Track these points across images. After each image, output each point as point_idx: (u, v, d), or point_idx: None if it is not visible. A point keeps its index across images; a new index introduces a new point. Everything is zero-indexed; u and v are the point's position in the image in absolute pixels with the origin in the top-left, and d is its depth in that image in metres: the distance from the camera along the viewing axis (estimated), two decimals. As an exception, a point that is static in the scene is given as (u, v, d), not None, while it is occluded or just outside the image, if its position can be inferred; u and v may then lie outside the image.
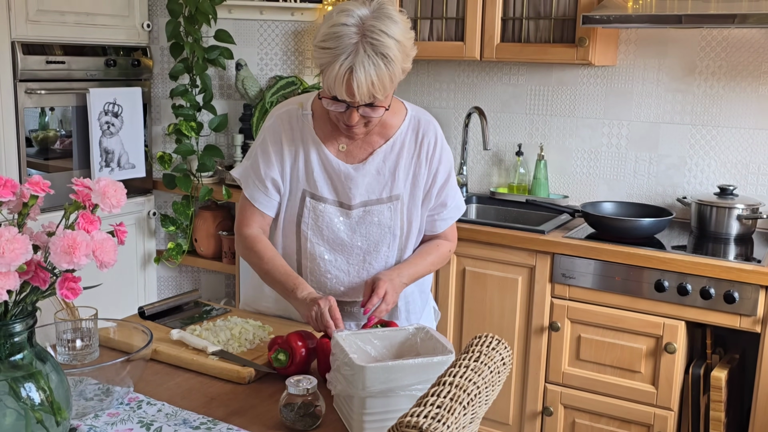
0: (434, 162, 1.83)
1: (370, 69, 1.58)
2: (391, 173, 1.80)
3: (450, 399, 0.99)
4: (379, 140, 1.80)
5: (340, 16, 1.61)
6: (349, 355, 1.34)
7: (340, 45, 1.58)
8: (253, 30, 3.46)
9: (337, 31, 1.59)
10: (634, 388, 2.58)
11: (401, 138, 1.81)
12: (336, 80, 1.59)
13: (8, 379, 1.13)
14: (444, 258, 1.92)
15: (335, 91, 1.62)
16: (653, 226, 2.68)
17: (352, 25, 1.59)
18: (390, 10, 1.64)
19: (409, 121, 1.83)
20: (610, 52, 2.97)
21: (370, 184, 1.79)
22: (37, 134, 3.02)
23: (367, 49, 1.58)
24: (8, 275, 0.99)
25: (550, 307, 2.70)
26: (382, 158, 1.80)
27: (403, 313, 1.92)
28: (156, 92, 3.50)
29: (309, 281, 1.84)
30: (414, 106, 1.88)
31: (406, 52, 1.65)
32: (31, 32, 2.90)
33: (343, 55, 1.58)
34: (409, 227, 1.84)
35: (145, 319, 1.85)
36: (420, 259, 1.87)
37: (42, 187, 1.11)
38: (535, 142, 3.28)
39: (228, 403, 1.47)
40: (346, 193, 1.79)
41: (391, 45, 1.59)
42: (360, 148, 1.80)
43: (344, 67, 1.58)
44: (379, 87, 1.60)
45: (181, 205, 3.45)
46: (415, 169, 1.82)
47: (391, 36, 1.60)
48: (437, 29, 3.09)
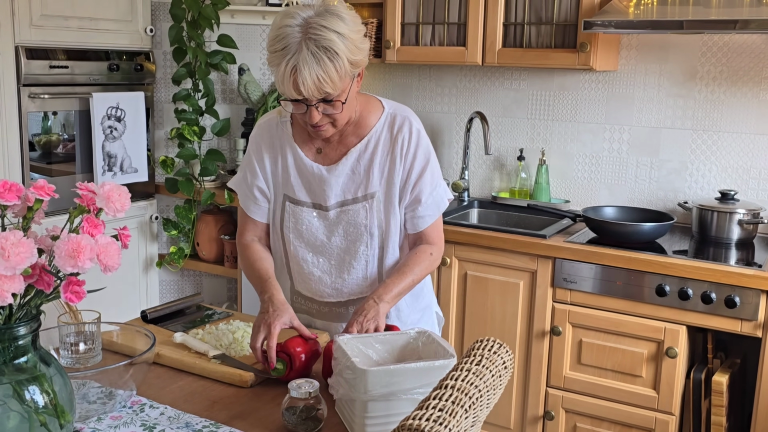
0: (408, 157, 1.80)
1: (312, 64, 1.58)
2: (366, 171, 1.79)
3: (452, 402, 0.99)
4: (354, 140, 1.81)
5: (285, 19, 1.62)
6: (351, 359, 1.34)
7: (285, 45, 1.60)
8: (255, 35, 3.48)
9: (281, 32, 1.61)
10: (635, 392, 2.58)
11: (376, 136, 1.80)
12: (284, 80, 1.61)
13: (12, 381, 1.14)
14: (427, 265, 1.84)
15: (284, 91, 1.63)
16: (654, 230, 2.69)
17: (295, 25, 1.60)
18: (336, 8, 1.64)
19: (385, 119, 1.82)
20: (611, 58, 2.98)
21: (345, 184, 1.80)
22: (40, 138, 3.03)
23: (310, 45, 1.58)
24: (13, 278, 1.00)
25: (551, 311, 2.70)
26: (356, 157, 1.80)
27: (392, 312, 1.89)
28: (159, 96, 3.52)
29: (297, 283, 1.88)
30: (393, 103, 1.86)
31: (355, 44, 1.63)
32: (35, 37, 2.91)
33: (288, 54, 1.59)
34: (387, 226, 1.82)
35: (148, 322, 1.86)
36: (401, 275, 1.79)
37: (47, 192, 1.12)
38: (536, 147, 3.29)
39: (230, 407, 1.47)
40: (322, 195, 1.80)
41: (333, 38, 1.59)
42: (335, 149, 1.82)
43: (289, 66, 1.59)
44: (326, 81, 1.60)
45: (184, 209, 3.46)
46: (390, 165, 1.80)
47: (333, 30, 1.60)
48: (439, 34, 3.10)
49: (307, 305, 1.90)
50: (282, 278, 1.90)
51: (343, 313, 1.87)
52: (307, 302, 1.90)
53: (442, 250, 1.90)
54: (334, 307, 1.86)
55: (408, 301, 1.92)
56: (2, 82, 2.82)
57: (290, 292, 1.91)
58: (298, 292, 1.90)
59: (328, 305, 1.87)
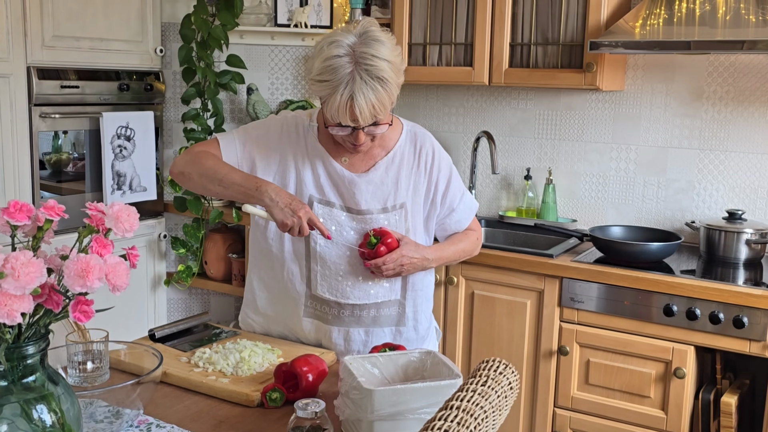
0: (433, 172, 1.91)
1: (369, 94, 1.66)
2: (394, 183, 1.87)
3: (457, 423, 1.00)
4: (380, 152, 1.88)
5: (331, 49, 1.67)
6: (358, 379, 1.35)
7: (337, 77, 1.66)
8: (264, 55, 3.51)
9: (331, 63, 1.66)
10: (643, 413, 2.57)
11: (401, 150, 1.89)
12: (339, 110, 1.68)
13: (21, 400, 1.14)
14: (473, 245, 2.01)
15: (339, 119, 1.70)
16: (662, 250, 2.68)
17: (344, 55, 1.66)
18: (375, 32, 1.71)
19: (407, 134, 1.92)
20: (617, 78, 2.99)
21: (374, 193, 1.85)
22: (50, 157, 3.06)
23: (363, 75, 1.65)
24: (23, 298, 1.01)
25: (558, 331, 2.70)
26: (384, 169, 1.87)
27: (410, 321, 1.93)
28: (168, 116, 3.55)
29: (317, 286, 1.87)
30: (406, 120, 1.97)
31: (398, 68, 1.73)
32: (47, 57, 2.95)
33: (341, 86, 1.66)
34: (412, 236, 1.88)
35: (155, 341, 1.87)
36: (449, 243, 1.96)
37: (57, 212, 1.13)
38: (543, 166, 3.29)
39: (237, 426, 1.47)
40: (352, 199, 1.85)
41: (384, 67, 1.67)
42: (361, 160, 1.87)
43: (345, 96, 1.66)
44: (380, 108, 1.69)
45: (192, 228, 3.48)
46: (416, 179, 1.90)
47: (382, 58, 1.67)
48: (446, 54, 3.12)
49: (323, 310, 1.88)
50: (296, 286, 1.89)
51: (364, 317, 1.87)
52: (324, 307, 1.88)
53: (482, 240, 2.07)
54: (356, 309, 1.87)
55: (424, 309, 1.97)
56: (14, 102, 2.85)
57: (305, 298, 1.89)
58: (317, 296, 1.88)
59: (349, 307, 1.86)
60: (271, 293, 1.94)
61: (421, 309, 1.96)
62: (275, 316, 1.95)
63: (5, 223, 1.12)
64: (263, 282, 1.95)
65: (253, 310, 1.99)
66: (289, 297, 1.91)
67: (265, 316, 1.97)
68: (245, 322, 2.03)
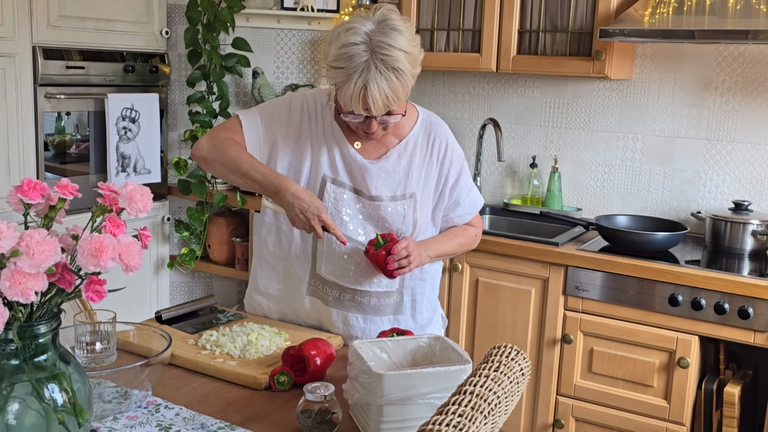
0: (446, 163, 1.90)
1: (383, 84, 1.64)
2: (405, 172, 1.86)
3: (471, 408, 0.99)
4: (393, 140, 1.87)
5: (348, 35, 1.65)
6: (368, 363, 1.34)
7: (352, 64, 1.64)
8: (270, 38, 3.49)
9: (346, 51, 1.65)
10: (646, 402, 2.57)
11: (414, 139, 1.88)
12: (352, 98, 1.66)
13: (32, 379, 1.14)
14: (471, 241, 1.99)
15: (352, 107, 1.69)
16: (667, 240, 2.68)
17: (360, 42, 1.65)
18: (394, 20, 1.68)
19: (421, 124, 1.90)
20: (625, 66, 2.98)
21: (385, 180, 1.84)
22: (54, 138, 3.05)
23: (378, 65, 1.64)
24: (37, 276, 1.00)
25: (562, 319, 2.70)
26: (397, 157, 1.86)
27: (408, 309, 1.92)
28: (173, 99, 3.53)
29: (321, 266, 1.87)
30: (424, 109, 1.95)
31: (415, 58, 1.71)
32: (52, 37, 2.93)
33: (355, 74, 1.64)
34: (420, 226, 1.87)
35: (162, 323, 1.87)
36: (447, 238, 1.93)
37: (70, 191, 1.13)
38: (549, 155, 3.29)
39: (245, 409, 1.47)
40: (363, 182, 1.84)
41: (401, 57, 1.65)
42: (374, 147, 1.86)
43: (358, 85, 1.64)
44: (393, 99, 1.67)
45: (196, 211, 3.47)
46: (427, 169, 1.89)
47: (399, 48, 1.65)
48: (454, 41, 3.11)
49: (325, 291, 1.88)
50: (300, 264, 1.89)
51: (364, 304, 1.87)
52: (326, 287, 1.88)
53: (480, 236, 2.05)
54: (356, 295, 1.86)
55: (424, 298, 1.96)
56: (20, 82, 2.84)
57: (309, 276, 1.89)
58: (320, 276, 1.88)
59: (351, 292, 1.86)
60: (275, 271, 1.94)
61: (420, 298, 1.95)
62: (278, 296, 1.95)
63: (18, 201, 1.12)
64: (268, 261, 1.95)
65: (257, 291, 1.99)
66: (293, 274, 1.91)
67: (269, 296, 1.97)
68: (250, 305, 2.03)
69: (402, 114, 1.76)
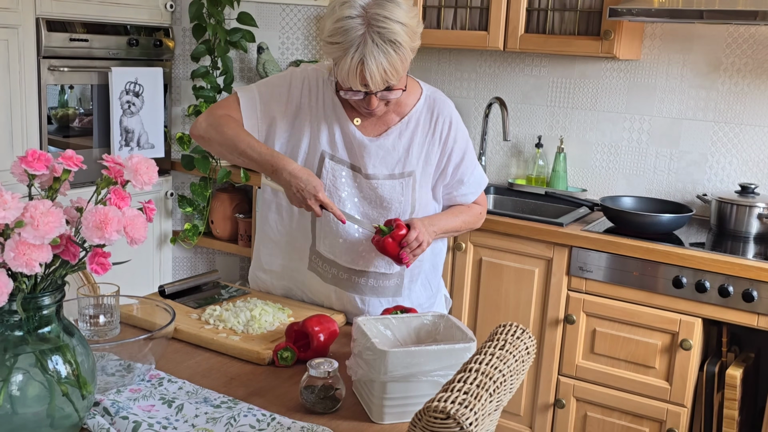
0: (449, 142, 1.86)
1: (380, 58, 1.61)
2: (405, 150, 1.82)
3: (476, 386, 0.99)
4: (394, 117, 1.83)
5: (343, 9, 1.62)
6: (372, 340, 1.34)
7: (348, 38, 1.61)
8: (275, 14, 3.46)
9: (342, 25, 1.61)
10: (647, 383, 2.57)
11: (416, 116, 1.84)
12: (349, 73, 1.63)
13: (36, 351, 1.14)
14: (475, 219, 1.96)
15: (350, 83, 1.65)
16: (672, 222, 2.67)
17: (356, 16, 1.61)
18: None
19: (425, 100, 1.86)
20: (634, 46, 2.95)
21: (384, 158, 1.81)
22: (57, 111, 3.03)
23: (375, 38, 1.60)
24: (42, 248, 1.00)
25: (566, 299, 2.69)
26: (397, 134, 1.82)
27: (406, 290, 1.90)
28: (177, 73, 3.51)
29: (320, 243, 1.85)
30: (429, 85, 1.90)
31: (413, 31, 1.66)
32: (56, 9, 2.90)
33: (352, 48, 1.60)
34: (419, 205, 1.84)
35: (165, 297, 1.86)
36: (452, 215, 1.90)
37: (75, 162, 1.12)
38: (555, 135, 3.27)
39: (248, 384, 1.47)
40: (361, 160, 1.81)
41: (398, 30, 1.61)
42: (374, 124, 1.83)
43: (355, 59, 1.61)
44: (392, 73, 1.63)
45: (199, 187, 3.46)
46: (428, 147, 1.85)
47: (396, 20, 1.61)
48: (461, 18, 3.07)
49: (323, 268, 1.87)
50: (301, 238, 1.88)
51: (361, 285, 1.86)
52: (324, 265, 1.87)
53: (485, 215, 2.02)
54: (353, 275, 1.85)
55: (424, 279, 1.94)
56: (23, 54, 2.82)
57: (309, 252, 1.88)
58: (319, 252, 1.87)
59: (348, 272, 1.85)
60: (278, 247, 1.93)
61: (419, 278, 1.93)
62: (281, 272, 1.95)
63: (23, 172, 1.11)
64: (271, 237, 1.94)
65: (261, 268, 1.99)
66: (295, 249, 1.90)
67: (272, 273, 1.96)
68: (254, 282, 2.03)
69: (402, 89, 1.72)
